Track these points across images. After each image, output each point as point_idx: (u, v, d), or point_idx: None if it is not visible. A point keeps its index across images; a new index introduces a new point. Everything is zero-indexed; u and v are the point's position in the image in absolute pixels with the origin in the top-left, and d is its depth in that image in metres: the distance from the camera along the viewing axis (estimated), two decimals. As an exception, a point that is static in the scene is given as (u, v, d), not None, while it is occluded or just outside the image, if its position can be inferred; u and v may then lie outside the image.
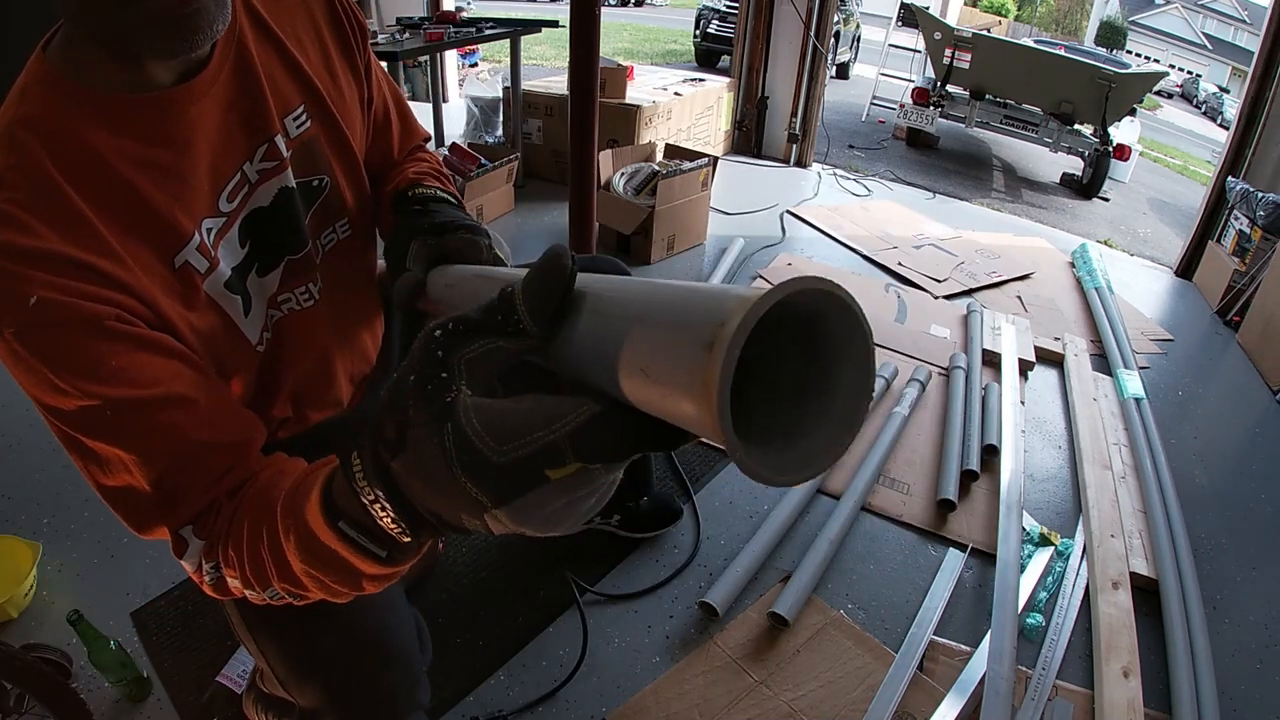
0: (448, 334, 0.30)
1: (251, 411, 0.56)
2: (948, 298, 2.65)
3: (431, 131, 3.67)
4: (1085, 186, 5.07)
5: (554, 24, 3.46)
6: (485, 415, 0.28)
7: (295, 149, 0.63)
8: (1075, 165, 5.26)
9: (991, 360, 2.18)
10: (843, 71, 8.95)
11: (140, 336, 0.48)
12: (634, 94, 3.38)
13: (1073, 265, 3.09)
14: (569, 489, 0.27)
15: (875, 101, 6.58)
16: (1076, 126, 5.00)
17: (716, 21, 7.83)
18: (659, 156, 3.04)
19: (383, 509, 0.33)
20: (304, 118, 0.64)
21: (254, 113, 0.59)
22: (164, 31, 0.47)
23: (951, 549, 1.48)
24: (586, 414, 0.26)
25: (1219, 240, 3.03)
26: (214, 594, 0.52)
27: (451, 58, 5.20)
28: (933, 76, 5.42)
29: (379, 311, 0.84)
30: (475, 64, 5.88)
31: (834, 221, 3.31)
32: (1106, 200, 5.13)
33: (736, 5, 5.33)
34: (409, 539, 0.34)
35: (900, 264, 2.89)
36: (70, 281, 0.45)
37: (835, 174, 4.13)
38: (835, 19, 4.44)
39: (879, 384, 1.98)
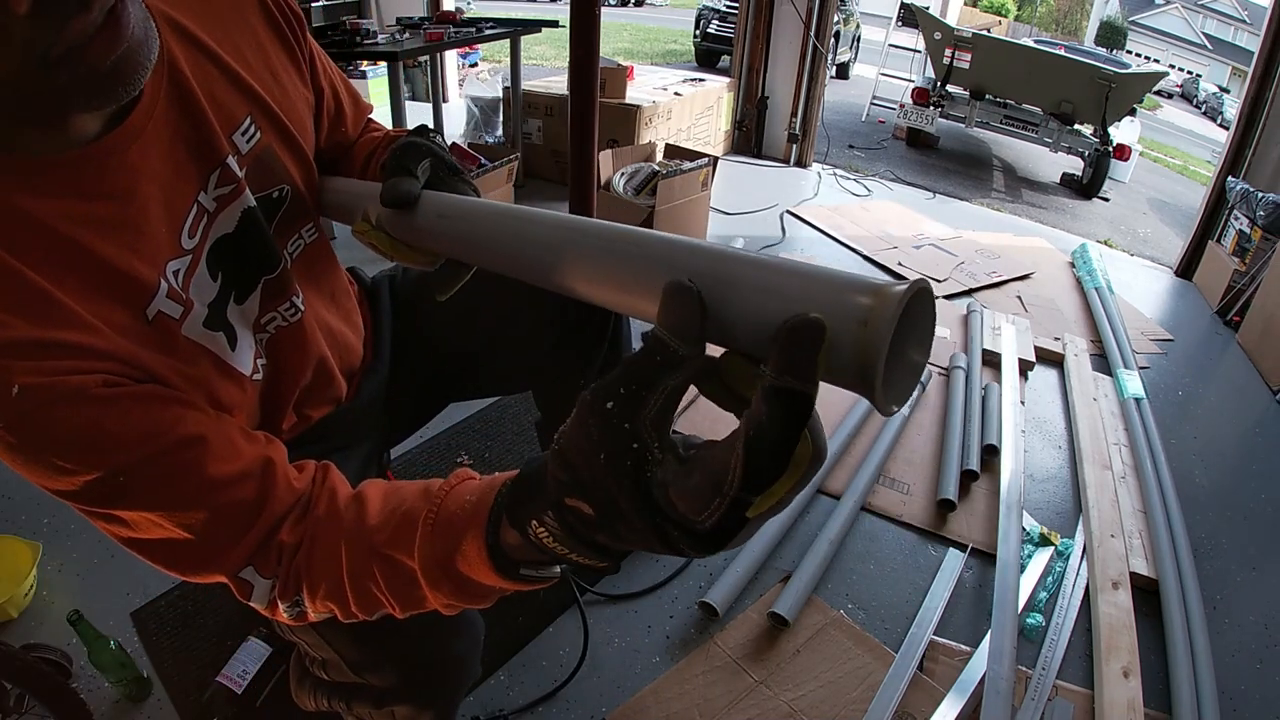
0: (621, 402, 0.31)
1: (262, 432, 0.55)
2: (948, 298, 2.65)
3: (431, 131, 3.66)
4: (1085, 186, 5.07)
5: (554, 24, 3.45)
6: (679, 490, 0.31)
7: (249, 165, 0.60)
8: (1075, 165, 5.26)
9: (991, 360, 2.18)
10: (843, 71, 8.94)
11: (132, 394, 0.47)
12: (634, 94, 3.38)
13: (1073, 265, 3.09)
14: (766, 517, 0.31)
15: (875, 101, 6.58)
16: (1076, 126, 5.00)
17: (716, 21, 7.83)
18: (659, 156, 3.04)
19: (579, 557, 0.37)
20: (252, 129, 0.60)
21: (200, 139, 0.55)
22: (97, 86, 0.43)
23: (951, 549, 1.48)
24: (741, 457, 0.28)
25: (1219, 240, 3.03)
26: (292, 624, 0.54)
27: (451, 58, 5.20)
28: (933, 76, 5.42)
29: (353, 301, 0.84)
30: (475, 64, 5.89)
31: (834, 221, 3.31)
32: (1106, 200, 5.13)
33: (736, 5, 5.33)
34: (604, 564, 0.38)
35: (900, 264, 2.89)
36: (49, 362, 0.43)
37: (835, 174, 4.13)
38: (835, 19, 4.43)
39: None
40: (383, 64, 3.26)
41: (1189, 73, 19.14)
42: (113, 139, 0.49)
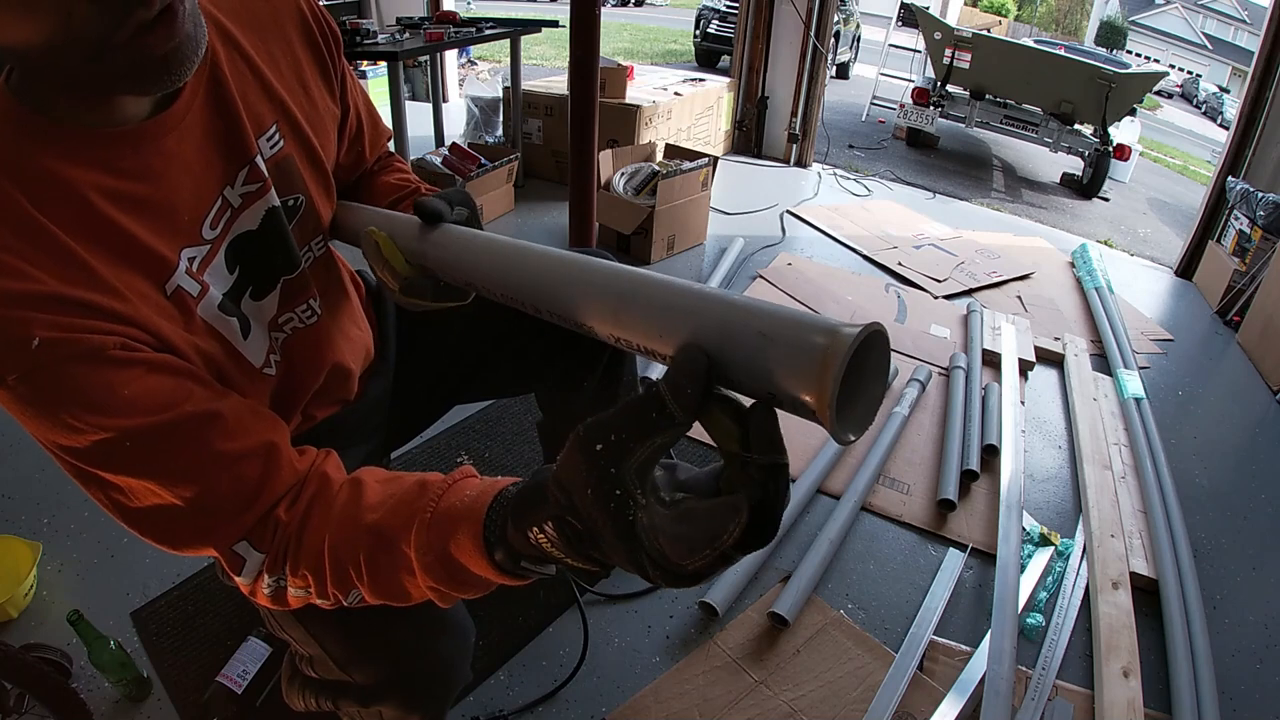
0: (610, 448, 0.35)
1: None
2: (948, 298, 2.65)
3: (431, 131, 3.67)
4: (1085, 186, 5.06)
5: (554, 24, 3.46)
6: (667, 536, 0.34)
7: (271, 169, 0.62)
8: (1075, 165, 5.25)
9: (991, 360, 2.18)
10: (843, 71, 8.94)
11: (148, 360, 0.47)
12: (634, 94, 3.38)
13: (1073, 265, 3.09)
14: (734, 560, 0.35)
15: (875, 101, 6.57)
16: (1076, 126, 5.00)
17: (716, 21, 7.82)
18: (659, 156, 3.04)
19: (574, 562, 0.40)
20: (277, 137, 0.62)
21: (231, 137, 0.57)
22: (148, 73, 0.45)
23: (951, 549, 1.48)
24: (741, 524, 0.33)
25: (1219, 240, 3.03)
26: (269, 604, 0.53)
27: (451, 58, 5.21)
28: (933, 76, 5.42)
29: (358, 307, 0.85)
30: (471, 59, 5.89)
31: (834, 221, 3.31)
32: (1106, 200, 5.13)
33: (736, 5, 5.34)
34: (596, 569, 0.40)
35: (900, 264, 2.89)
36: (71, 319, 0.44)
37: (835, 174, 4.13)
38: (835, 19, 4.44)
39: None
40: (383, 64, 3.26)
41: (1189, 73, 19.14)
42: (153, 124, 0.51)
